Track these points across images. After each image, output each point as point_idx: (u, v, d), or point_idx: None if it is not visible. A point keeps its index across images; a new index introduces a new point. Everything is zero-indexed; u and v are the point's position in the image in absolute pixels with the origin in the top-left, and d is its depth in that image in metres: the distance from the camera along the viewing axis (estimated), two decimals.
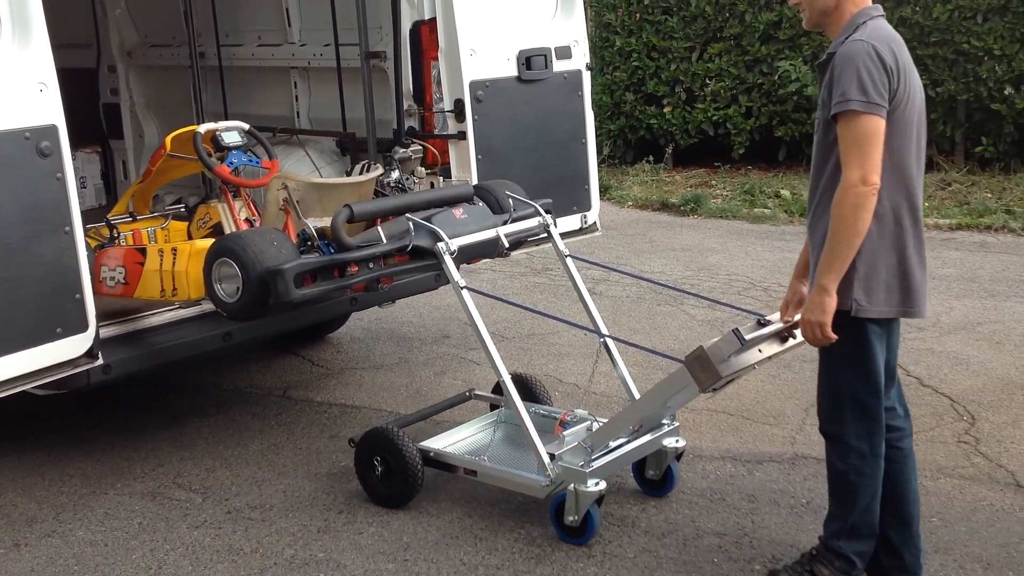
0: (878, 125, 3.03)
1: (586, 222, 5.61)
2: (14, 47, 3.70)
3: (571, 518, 3.77)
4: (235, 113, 6.51)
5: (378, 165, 5.35)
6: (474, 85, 5.08)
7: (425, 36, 5.20)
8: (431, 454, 4.12)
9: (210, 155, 4.59)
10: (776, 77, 10.78)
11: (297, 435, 4.74)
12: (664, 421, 4.06)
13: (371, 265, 4.03)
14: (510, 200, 4.46)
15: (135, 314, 4.40)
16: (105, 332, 4.07)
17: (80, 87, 6.75)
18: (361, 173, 5.23)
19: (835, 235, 3.07)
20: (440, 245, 3.98)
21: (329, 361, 5.99)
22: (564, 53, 5.48)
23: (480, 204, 4.40)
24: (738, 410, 5.00)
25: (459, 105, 5.11)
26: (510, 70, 5.22)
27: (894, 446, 3.37)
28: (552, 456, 3.80)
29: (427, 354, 5.99)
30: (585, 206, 5.57)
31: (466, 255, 4.25)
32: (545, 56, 5.35)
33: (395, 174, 5.21)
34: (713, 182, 10.82)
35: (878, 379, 3.24)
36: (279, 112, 6.29)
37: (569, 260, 4.40)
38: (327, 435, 4.86)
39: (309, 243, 4.06)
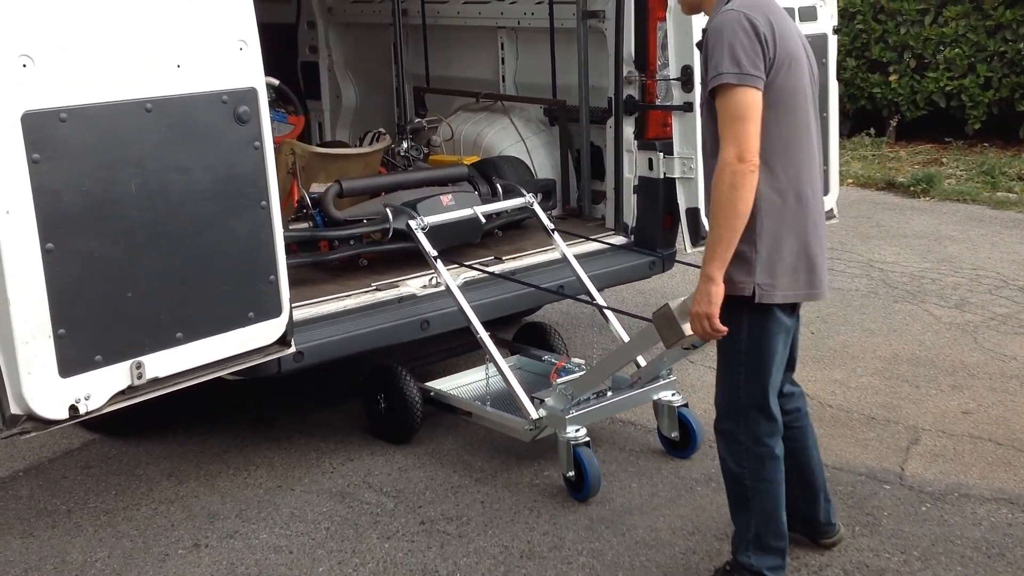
0: (754, 98, 2.81)
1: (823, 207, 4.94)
2: None
3: (569, 474, 3.80)
4: (436, 75, 6.12)
5: (386, 136, 5.41)
6: None
7: None
8: (431, 394, 4.25)
9: None
10: (1021, 45, 9.65)
11: (494, 434, 4.30)
12: (660, 376, 4.09)
13: (351, 243, 4.32)
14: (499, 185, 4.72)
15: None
16: (297, 315, 3.71)
17: (278, 44, 6.48)
18: (371, 144, 5.35)
19: (715, 219, 2.85)
20: (412, 222, 4.24)
21: None
22: (808, 14, 4.87)
23: (474, 193, 4.63)
24: (1008, 439, 4.25)
25: (687, 72, 4.54)
26: None
27: (793, 427, 3.24)
28: (542, 401, 3.89)
29: None
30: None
31: (444, 237, 4.35)
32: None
33: (404, 144, 5.31)
34: (944, 160, 9.80)
35: (774, 377, 3.04)
36: (483, 75, 5.85)
37: (556, 234, 4.53)
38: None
39: (304, 211, 4.38)
